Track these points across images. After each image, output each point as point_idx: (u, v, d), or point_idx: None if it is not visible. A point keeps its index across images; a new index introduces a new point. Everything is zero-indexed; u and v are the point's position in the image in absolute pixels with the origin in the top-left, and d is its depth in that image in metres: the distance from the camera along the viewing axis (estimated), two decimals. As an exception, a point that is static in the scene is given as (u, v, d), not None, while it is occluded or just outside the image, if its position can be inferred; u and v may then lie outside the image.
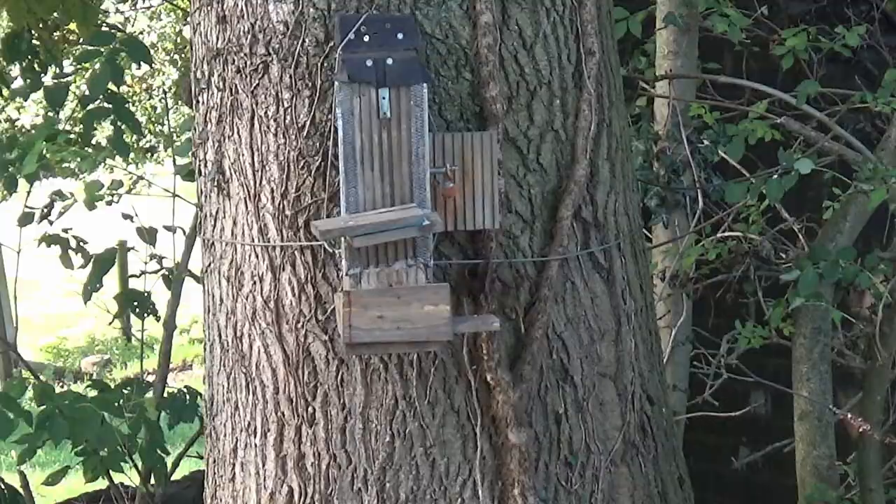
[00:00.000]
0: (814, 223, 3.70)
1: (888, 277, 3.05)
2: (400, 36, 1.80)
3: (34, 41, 3.08)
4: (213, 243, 2.14)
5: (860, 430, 3.01)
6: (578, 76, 2.04)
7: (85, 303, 3.24)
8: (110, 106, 2.75)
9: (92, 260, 3.23)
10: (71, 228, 3.35)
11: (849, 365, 3.45)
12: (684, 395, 3.79)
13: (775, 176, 2.86)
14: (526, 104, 1.99)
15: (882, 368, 3.08)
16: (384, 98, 1.79)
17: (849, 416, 3.04)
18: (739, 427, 4.32)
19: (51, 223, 3.32)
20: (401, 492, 2.01)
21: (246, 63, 1.97)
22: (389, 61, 1.78)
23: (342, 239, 1.81)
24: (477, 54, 1.93)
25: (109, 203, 3.21)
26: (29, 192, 3.31)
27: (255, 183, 2.00)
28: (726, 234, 3.63)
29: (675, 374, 3.68)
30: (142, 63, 2.82)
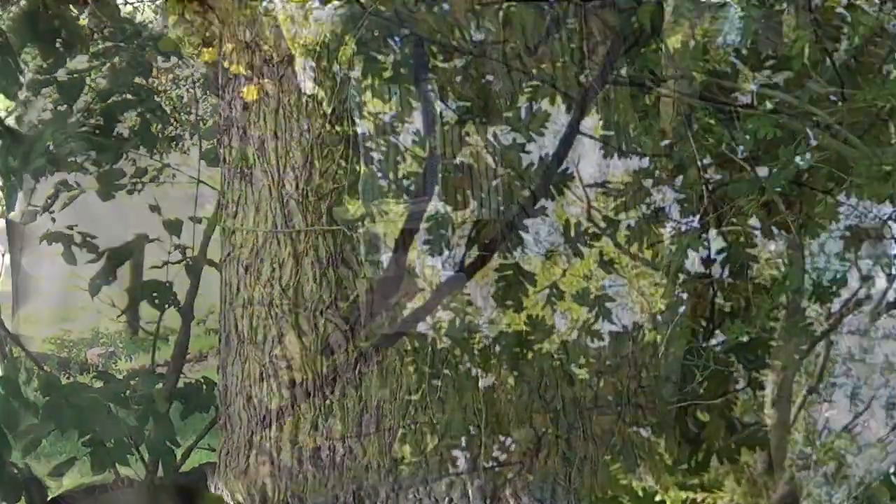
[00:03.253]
0: (808, 217, 3.69)
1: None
2: (407, 32, 1.83)
3: (55, 20, 3.03)
4: (233, 232, 2.14)
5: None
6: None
7: (92, 297, 3.24)
8: (134, 98, 2.76)
9: (105, 255, 3.22)
10: (76, 225, 3.34)
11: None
12: (676, 388, 3.79)
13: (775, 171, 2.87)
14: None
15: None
16: (395, 94, 1.82)
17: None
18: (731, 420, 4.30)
19: (53, 219, 3.31)
20: (404, 485, 2.02)
21: (272, 54, 2.00)
22: (401, 58, 1.81)
23: (363, 225, 1.83)
24: (483, 51, 1.95)
25: (130, 192, 3.19)
26: (33, 190, 3.30)
27: (279, 169, 2.02)
28: (728, 228, 3.62)
29: (668, 367, 3.68)
30: (170, 56, 2.82)
